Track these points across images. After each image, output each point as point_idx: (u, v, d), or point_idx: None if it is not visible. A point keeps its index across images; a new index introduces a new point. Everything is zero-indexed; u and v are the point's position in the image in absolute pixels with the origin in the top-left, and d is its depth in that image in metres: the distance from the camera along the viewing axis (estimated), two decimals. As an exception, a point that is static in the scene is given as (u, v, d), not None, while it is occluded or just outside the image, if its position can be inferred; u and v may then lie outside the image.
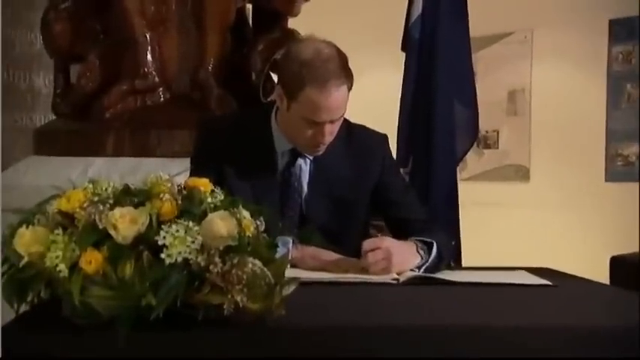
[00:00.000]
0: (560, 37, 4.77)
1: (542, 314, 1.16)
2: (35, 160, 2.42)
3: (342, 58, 1.52)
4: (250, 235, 1.00)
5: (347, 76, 1.51)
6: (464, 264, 2.36)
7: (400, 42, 2.49)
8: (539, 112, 4.92)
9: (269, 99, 2.46)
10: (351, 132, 1.68)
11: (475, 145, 2.79)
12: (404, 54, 2.46)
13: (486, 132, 5.01)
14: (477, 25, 2.61)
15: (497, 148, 5.11)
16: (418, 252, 1.50)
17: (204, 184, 1.05)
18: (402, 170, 2.32)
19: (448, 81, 2.40)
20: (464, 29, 2.45)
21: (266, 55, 2.41)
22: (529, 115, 4.97)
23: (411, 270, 1.46)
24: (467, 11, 2.44)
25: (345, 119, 1.61)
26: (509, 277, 1.45)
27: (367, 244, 1.43)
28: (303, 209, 1.63)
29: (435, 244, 1.52)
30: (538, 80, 4.92)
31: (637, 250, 3.70)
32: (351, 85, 1.53)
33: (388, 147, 1.75)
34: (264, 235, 1.04)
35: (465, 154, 2.57)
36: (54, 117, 2.74)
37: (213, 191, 1.05)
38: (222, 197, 1.05)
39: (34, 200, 1.08)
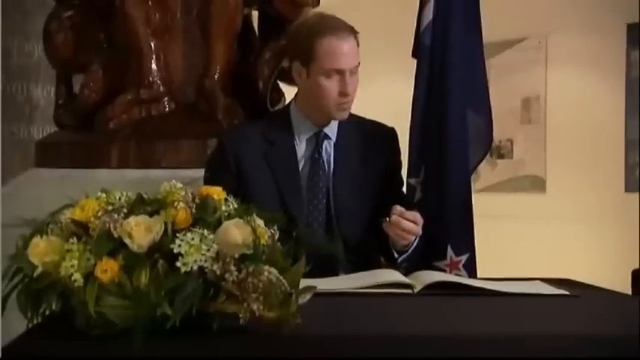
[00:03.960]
0: (575, 42, 4.81)
1: (563, 323, 1.19)
2: (37, 173, 2.46)
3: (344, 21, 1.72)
4: (265, 243, 1.04)
5: (353, 32, 1.70)
6: (479, 277, 2.38)
7: (411, 49, 2.52)
8: (555, 121, 4.94)
9: (277, 107, 2.50)
10: (363, 121, 1.87)
11: (488, 155, 2.82)
12: (415, 61, 2.50)
13: (500, 141, 5.04)
14: (489, 31, 2.65)
15: (512, 158, 5.13)
16: None
17: (217, 192, 1.09)
18: (414, 180, 2.36)
19: (460, 88, 2.42)
20: (476, 35, 2.49)
21: (273, 63, 2.45)
22: (544, 124, 5.00)
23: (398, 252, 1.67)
24: (479, 17, 2.48)
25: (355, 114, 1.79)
26: (526, 288, 1.48)
27: (411, 214, 1.61)
28: (330, 194, 1.75)
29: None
30: (553, 87, 4.95)
31: (659, 262, 3.71)
32: (358, 43, 1.71)
33: (397, 141, 1.91)
34: (279, 243, 1.08)
35: (479, 163, 2.59)
36: (52, 129, 2.79)
37: (226, 199, 1.09)
38: (236, 205, 1.09)
39: (38, 213, 1.12)
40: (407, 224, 1.60)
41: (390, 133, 1.90)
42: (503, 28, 4.51)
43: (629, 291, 3.57)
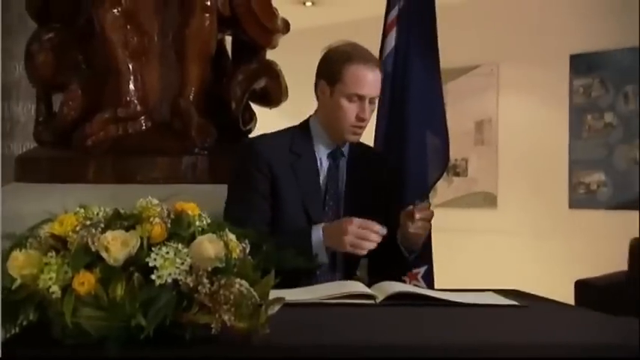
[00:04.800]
0: (524, 70, 4.93)
1: (512, 333, 1.20)
2: (17, 187, 2.41)
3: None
4: (237, 257, 1.03)
5: (379, 65, 1.76)
6: (436, 287, 2.40)
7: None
8: (506, 142, 5.04)
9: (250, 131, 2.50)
10: (364, 146, 1.94)
11: (445, 173, 2.85)
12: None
13: (456, 160, 5.11)
14: (446, 58, 2.70)
15: (467, 175, 5.21)
16: None
17: (192, 207, 1.08)
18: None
19: (420, 111, 2.46)
20: (434, 63, 2.53)
21: (245, 85, 2.44)
22: (496, 145, 5.09)
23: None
24: (437, 46, 2.52)
25: None
26: (479, 298, 1.49)
27: (431, 213, 1.74)
28: (340, 208, 1.79)
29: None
30: (504, 111, 5.05)
31: (599, 274, 3.79)
32: (382, 77, 1.77)
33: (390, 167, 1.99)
34: (250, 257, 1.07)
35: (437, 181, 2.62)
36: (32, 145, 2.73)
37: (200, 215, 1.08)
38: (209, 221, 1.08)
39: (18, 226, 1.10)
40: (421, 226, 1.70)
41: (386, 161, 2.02)
42: (458, 56, 4.59)
43: (572, 300, 3.64)
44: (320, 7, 5.17)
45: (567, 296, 3.53)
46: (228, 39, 2.65)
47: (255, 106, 2.56)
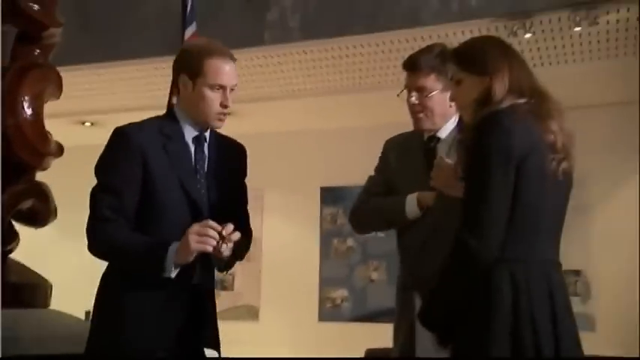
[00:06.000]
0: (285, 197, 5.39)
1: None
2: None
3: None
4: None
5: (234, 58, 1.80)
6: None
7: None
8: (269, 260, 5.36)
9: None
10: (221, 134, 1.92)
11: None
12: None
13: (224, 275, 5.25)
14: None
15: (233, 290, 5.37)
16: None
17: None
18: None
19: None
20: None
21: (9, 205, 2.36)
22: (260, 262, 5.38)
23: None
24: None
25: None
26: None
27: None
28: (205, 187, 1.78)
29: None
30: (268, 232, 5.40)
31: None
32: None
33: (247, 157, 1.98)
34: None
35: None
36: None
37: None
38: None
39: None
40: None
41: (244, 149, 1.97)
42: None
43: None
44: (98, 128, 5.20)
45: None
46: None
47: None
